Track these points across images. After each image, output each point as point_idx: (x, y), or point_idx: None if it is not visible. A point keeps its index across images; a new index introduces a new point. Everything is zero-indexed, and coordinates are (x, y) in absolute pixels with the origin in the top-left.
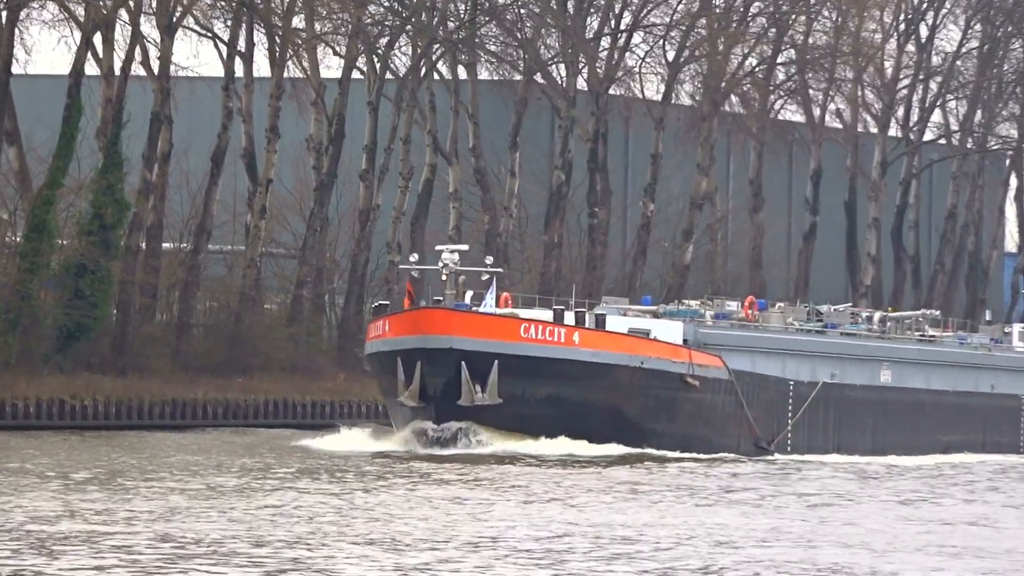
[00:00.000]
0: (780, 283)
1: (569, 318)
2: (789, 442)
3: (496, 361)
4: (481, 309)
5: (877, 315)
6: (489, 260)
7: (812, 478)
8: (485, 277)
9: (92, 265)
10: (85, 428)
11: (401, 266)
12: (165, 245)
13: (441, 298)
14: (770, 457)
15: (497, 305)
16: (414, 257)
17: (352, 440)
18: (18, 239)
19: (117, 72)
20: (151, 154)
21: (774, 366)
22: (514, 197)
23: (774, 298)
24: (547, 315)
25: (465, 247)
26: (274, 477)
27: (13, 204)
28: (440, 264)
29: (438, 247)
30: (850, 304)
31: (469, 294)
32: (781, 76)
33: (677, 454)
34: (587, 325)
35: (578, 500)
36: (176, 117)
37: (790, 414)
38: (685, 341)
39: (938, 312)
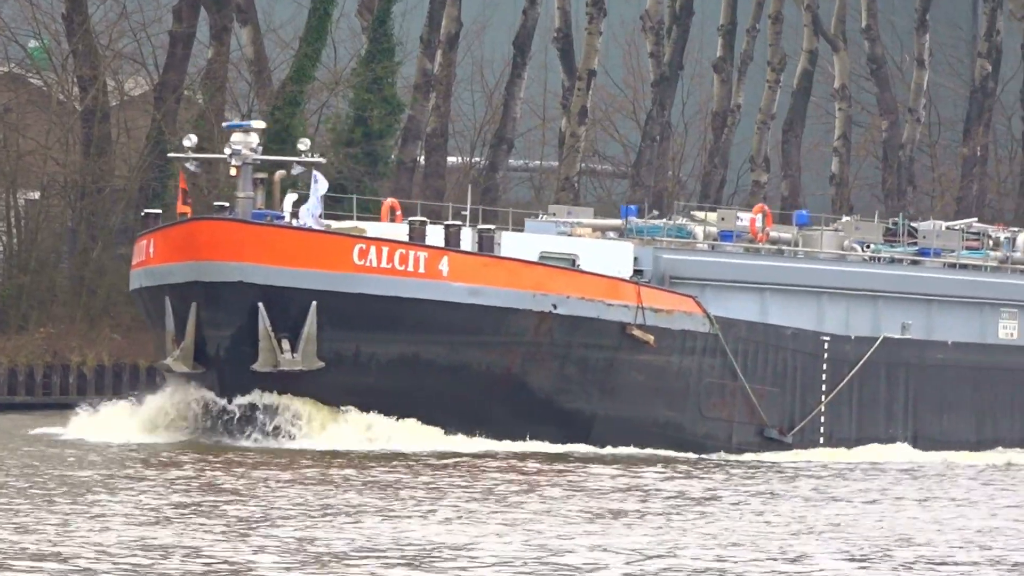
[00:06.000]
0: None
1: (437, 235)
2: (821, 430)
3: (315, 303)
4: (297, 222)
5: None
6: (304, 144)
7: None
8: (297, 171)
9: (353, 186)
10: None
11: (170, 155)
12: (451, 159)
13: (228, 204)
14: (786, 453)
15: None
16: (190, 140)
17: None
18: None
19: None
20: (432, 37)
21: (799, 313)
22: (922, 96)
23: None
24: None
25: (254, 132)
26: None
27: (247, 103)
28: (227, 151)
29: (225, 124)
30: (975, 219)
31: (290, 198)
32: None
33: (616, 451)
34: (464, 246)
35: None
36: None
37: (824, 387)
38: (639, 272)
39: None
